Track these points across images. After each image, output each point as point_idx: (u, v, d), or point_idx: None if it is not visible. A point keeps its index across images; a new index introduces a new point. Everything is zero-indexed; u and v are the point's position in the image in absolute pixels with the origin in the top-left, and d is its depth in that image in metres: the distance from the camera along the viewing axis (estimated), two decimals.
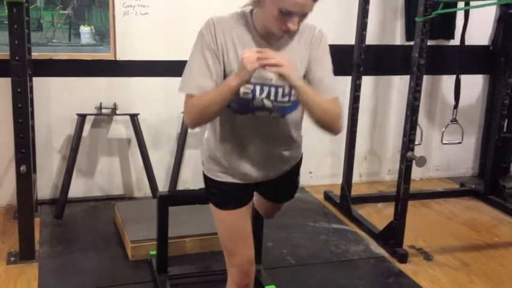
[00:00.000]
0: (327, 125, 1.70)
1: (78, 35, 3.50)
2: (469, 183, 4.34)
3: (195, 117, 1.68)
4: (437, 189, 4.19)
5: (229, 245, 1.91)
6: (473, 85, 4.37)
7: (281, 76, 1.57)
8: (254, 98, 1.70)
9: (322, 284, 2.84)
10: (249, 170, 1.83)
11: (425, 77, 4.17)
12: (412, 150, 2.97)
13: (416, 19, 2.86)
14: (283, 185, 1.99)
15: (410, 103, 2.94)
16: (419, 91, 2.93)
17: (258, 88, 1.68)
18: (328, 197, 3.91)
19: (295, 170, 1.98)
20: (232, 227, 1.89)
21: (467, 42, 3.87)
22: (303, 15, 1.60)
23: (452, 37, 4.11)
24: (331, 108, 1.69)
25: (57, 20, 3.46)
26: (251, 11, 1.71)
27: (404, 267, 3.00)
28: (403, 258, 3.06)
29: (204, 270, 2.85)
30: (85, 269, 2.86)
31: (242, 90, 1.65)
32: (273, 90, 1.70)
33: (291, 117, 1.79)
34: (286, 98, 1.71)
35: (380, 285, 2.89)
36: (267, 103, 1.71)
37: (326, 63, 1.75)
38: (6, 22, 2.67)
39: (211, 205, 1.91)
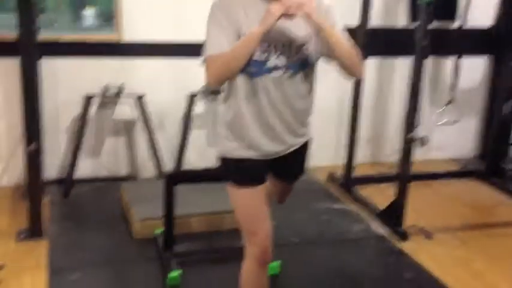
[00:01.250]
0: (351, 66, 1.83)
1: (82, 17, 3.52)
2: (470, 164, 4.38)
3: (219, 73, 1.79)
4: (439, 171, 4.23)
5: (248, 224, 1.96)
6: (476, 66, 4.39)
7: (306, 16, 1.71)
8: (268, 57, 1.80)
9: (325, 262, 2.90)
10: (267, 141, 1.90)
11: (428, 59, 4.22)
12: (414, 130, 3.01)
13: (419, 1, 2.88)
14: (294, 163, 2.07)
15: (412, 84, 2.98)
16: (422, 73, 2.96)
17: (272, 47, 1.80)
18: (331, 178, 3.96)
19: (304, 150, 2.05)
20: (250, 204, 1.95)
21: (471, 23, 3.88)
22: None
23: (454, 18, 4.10)
24: (353, 50, 1.83)
25: (61, 2, 3.47)
26: None
27: (405, 246, 3.06)
28: (404, 237, 3.12)
29: (209, 248, 2.91)
30: (92, 246, 2.94)
31: (258, 50, 1.77)
32: (286, 47, 1.81)
33: (303, 78, 1.87)
34: (299, 55, 1.83)
35: (381, 263, 2.96)
36: (281, 61, 1.81)
37: (334, 18, 1.86)
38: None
39: (229, 186, 1.96)
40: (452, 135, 4.47)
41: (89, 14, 3.51)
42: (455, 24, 4.11)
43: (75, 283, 2.61)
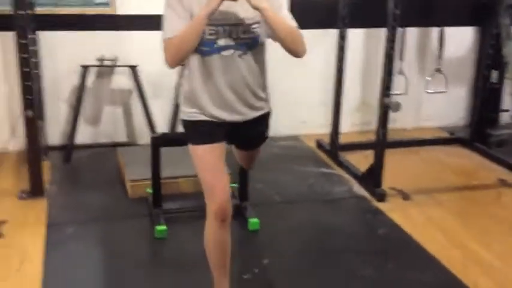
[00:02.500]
0: (293, 45, 1.98)
1: None
2: (459, 132, 4.50)
3: (173, 55, 1.96)
4: (426, 137, 4.36)
5: (207, 180, 2.08)
6: (464, 37, 4.49)
7: (248, 1, 1.85)
8: (218, 37, 1.97)
9: (304, 220, 3.10)
10: (222, 112, 2.06)
11: (415, 29, 4.34)
12: (389, 96, 3.16)
13: None
14: (252, 132, 2.21)
15: (387, 52, 3.11)
16: (395, 40, 3.09)
17: (221, 29, 1.96)
18: (319, 144, 4.13)
19: (263, 120, 2.20)
20: (207, 161, 2.09)
21: None
22: None
23: None
24: (294, 31, 1.98)
25: None
26: None
27: (382, 206, 3.24)
28: (382, 197, 3.29)
29: (194, 206, 3.12)
30: (89, 205, 3.17)
31: (207, 32, 1.93)
32: (234, 28, 1.97)
33: (253, 56, 2.03)
34: (247, 35, 1.99)
35: (357, 220, 3.15)
36: (230, 41, 1.98)
37: (279, 2, 2.01)
38: None
39: (190, 147, 2.13)
40: (442, 105, 4.60)
41: None
42: None
43: (70, 236, 2.84)
